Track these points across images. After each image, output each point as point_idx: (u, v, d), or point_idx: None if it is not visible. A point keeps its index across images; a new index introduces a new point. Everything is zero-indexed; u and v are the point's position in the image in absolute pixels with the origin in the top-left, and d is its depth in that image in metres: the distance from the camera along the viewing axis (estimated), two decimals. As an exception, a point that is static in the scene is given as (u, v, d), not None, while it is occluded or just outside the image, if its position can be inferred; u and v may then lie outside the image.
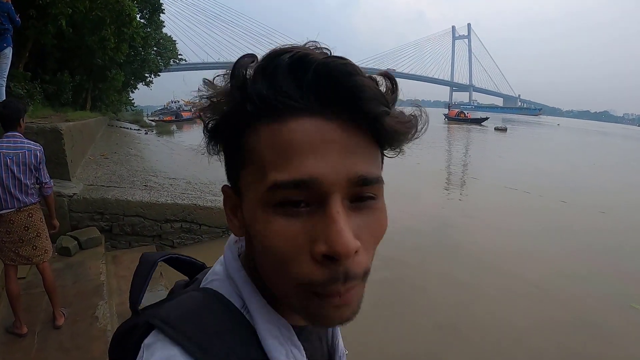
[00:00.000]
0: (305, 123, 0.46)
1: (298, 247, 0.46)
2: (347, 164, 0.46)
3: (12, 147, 3.44)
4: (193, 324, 0.50)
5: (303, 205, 0.46)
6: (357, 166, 0.47)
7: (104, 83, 22.28)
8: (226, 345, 0.50)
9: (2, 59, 6.59)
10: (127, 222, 6.26)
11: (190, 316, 0.52)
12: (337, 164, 0.46)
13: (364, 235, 0.48)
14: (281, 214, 0.47)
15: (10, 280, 3.57)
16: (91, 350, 3.52)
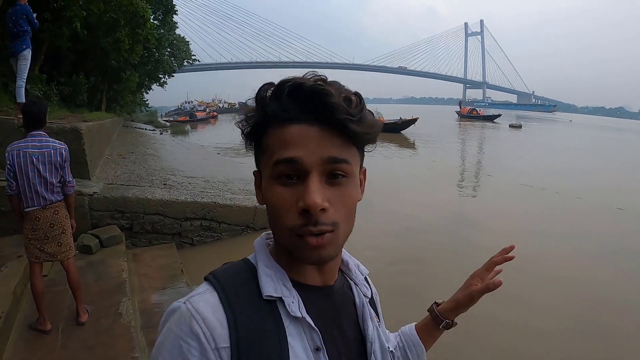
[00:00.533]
0: (296, 127, 0.71)
1: (289, 205, 0.71)
2: (321, 150, 0.70)
3: (38, 146, 3.49)
4: (222, 274, 0.77)
5: (294, 179, 0.71)
6: (329, 151, 0.70)
7: (119, 84, 22.45)
8: (235, 283, 0.75)
9: (21, 60, 6.67)
10: (147, 220, 6.33)
11: (223, 272, 0.78)
12: (314, 150, 0.70)
13: (335, 201, 0.72)
14: (280, 183, 0.72)
15: (35, 277, 3.61)
16: (115, 347, 3.56)
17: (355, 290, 0.88)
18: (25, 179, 3.45)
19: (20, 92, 6.69)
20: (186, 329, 0.67)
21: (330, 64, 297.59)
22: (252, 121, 0.77)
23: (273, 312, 0.73)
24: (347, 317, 0.84)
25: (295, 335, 0.73)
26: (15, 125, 6.07)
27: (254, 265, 0.79)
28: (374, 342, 0.84)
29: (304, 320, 0.74)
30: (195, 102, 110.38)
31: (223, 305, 0.70)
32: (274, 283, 0.75)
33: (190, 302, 0.70)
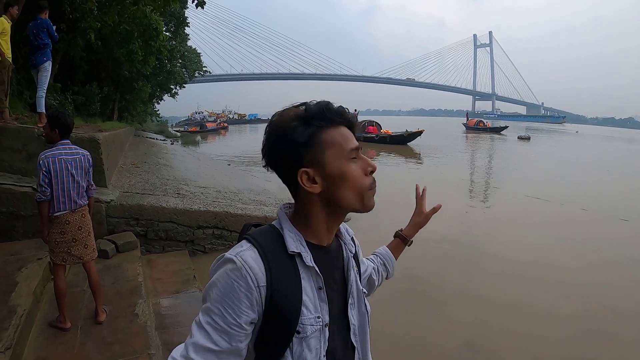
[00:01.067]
0: (344, 128, 1.10)
1: (360, 173, 1.09)
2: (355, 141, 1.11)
3: (70, 154, 3.77)
4: (257, 234, 1.08)
5: (355, 158, 1.08)
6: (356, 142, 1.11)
7: (131, 94, 22.77)
8: (268, 242, 1.06)
9: (42, 72, 6.92)
10: (161, 227, 6.52)
11: (257, 232, 1.10)
12: (356, 141, 1.11)
13: None
14: (353, 162, 1.08)
15: (59, 278, 3.83)
16: (132, 344, 3.74)
17: (344, 248, 1.23)
18: (61, 184, 3.67)
19: (41, 102, 6.93)
20: (238, 273, 0.98)
21: (340, 76, 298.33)
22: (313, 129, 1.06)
23: (293, 262, 1.06)
24: (337, 268, 1.18)
25: (306, 278, 1.07)
26: (35, 134, 6.31)
27: (278, 229, 1.11)
28: (352, 285, 1.20)
29: (312, 269, 1.07)
30: (205, 112, 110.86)
31: (261, 258, 1.02)
32: (295, 243, 1.07)
33: (240, 255, 1.01)
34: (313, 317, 1.06)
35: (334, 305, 1.13)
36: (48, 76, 7.08)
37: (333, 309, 1.12)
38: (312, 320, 1.05)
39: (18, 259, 4.86)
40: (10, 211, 5.71)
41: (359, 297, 1.22)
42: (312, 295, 1.07)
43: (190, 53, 32.56)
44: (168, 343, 4.01)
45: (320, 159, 1.06)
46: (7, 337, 3.23)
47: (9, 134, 6.28)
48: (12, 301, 3.79)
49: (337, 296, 1.15)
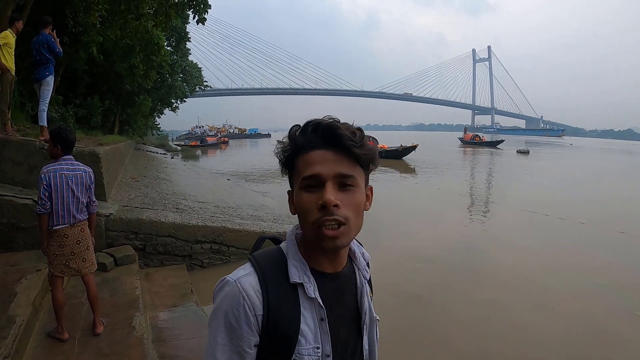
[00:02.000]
0: (317, 152, 1.01)
1: (312, 205, 0.99)
2: (335, 167, 1.00)
3: (71, 169, 3.85)
4: (261, 257, 1.09)
5: (315, 188, 1.00)
6: (339, 168, 1.00)
7: (132, 108, 22.92)
8: (270, 268, 1.06)
9: (44, 86, 7.02)
10: (159, 241, 6.58)
11: (262, 255, 1.11)
12: (330, 167, 1.00)
13: (345, 202, 1.00)
14: (306, 191, 1.01)
15: (57, 290, 3.89)
16: (129, 356, 3.78)
17: (357, 273, 1.19)
18: (60, 198, 3.76)
19: (43, 116, 7.03)
20: (236, 300, 1.00)
21: (340, 91, 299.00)
22: (287, 153, 1.07)
23: (295, 292, 1.05)
24: (349, 294, 1.15)
25: (308, 308, 1.05)
26: (37, 147, 6.40)
27: (284, 253, 1.10)
28: (366, 313, 1.17)
29: (315, 300, 1.05)
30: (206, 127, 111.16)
31: (261, 286, 1.03)
32: (298, 272, 1.06)
33: (239, 281, 1.02)
34: (312, 347, 1.05)
35: (342, 332, 1.12)
36: (50, 90, 7.17)
37: (340, 337, 1.11)
38: (310, 350, 1.05)
39: (18, 269, 4.91)
40: (11, 222, 5.78)
41: (372, 324, 1.21)
42: (312, 325, 1.05)
43: (191, 67, 32.81)
44: (164, 356, 4.06)
45: (292, 183, 1.09)
46: (6, 347, 3.27)
47: (11, 147, 6.36)
48: (11, 311, 3.83)
49: (348, 322, 1.14)
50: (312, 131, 1.03)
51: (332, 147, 1.01)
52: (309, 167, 1.01)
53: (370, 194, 1.13)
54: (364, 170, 1.07)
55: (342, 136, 1.00)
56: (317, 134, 1.02)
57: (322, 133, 1.02)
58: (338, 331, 1.10)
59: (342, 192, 1.00)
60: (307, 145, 1.03)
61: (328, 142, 1.01)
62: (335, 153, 1.01)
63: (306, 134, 1.04)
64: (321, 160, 1.01)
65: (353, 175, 1.02)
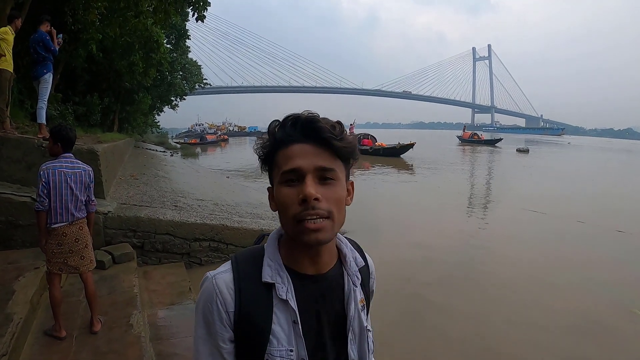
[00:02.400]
0: (296, 145, 1.00)
1: (292, 199, 0.98)
2: (315, 161, 0.98)
3: (70, 167, 3.86)
4: (241, 256, 1.10)
5: (296, 182, 0.99)
6: (319, 161, 0.99)
7: (132, 106, 22.90)
8: (248, 267, 1.07)
9: (42, 83, 7.02)
10: (158, 239, 6.57)
11: (244, 253, 1.11)
12: (309, 161, 0.98)
13: (327, 196, 0.98)
14: (286, 185, 1.00)
15: (54, 287, 3.89)
16: (126, 354, 3.78)
17: (346, 278, 1.13)
18: (59, 196, 3.75)
19: (41, 114, 7.03)
20: (210, 296, 1.03)
21: (340, 89, 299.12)
22: (266, 149, 1.05)
23: (268, 292, 1.04)
24: (334, 299, 1.11)
25: (282, 309, 1.03)
26: (35, 144, 6.39)
27: (263, 250, 1.10)
28: (353, 320, 1.12)
29: (287, 302, 1.03)
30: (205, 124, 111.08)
31: (234, 284, 1.04)
32: (272, 271, 1.05)
33: (215, 277, 1.05)
34: (284, 349, 1.02)
35: (324, 337, 1.08)
36: (48, 88, 7.16)
37: (320, 343, 1.08)
38: (283, 352, 1.02)
39: (16, 267, 4.92)
40: (9, 220, 5.78)
41: (362, 333, 1.14)
42: (286, 327, 1.03)
43: (190, 65, 32.76)
44: (162, 354, 4.06)
45: (272, 179, 1.07)
46: (3, 344, 3.28)
47: (9, 144, 6.36)
48: (8, 309, 3.84)
49: (329, 327, 1.09)
50: (291, 125, 1.02)
51: (311, 140, 1.00)
52: (288, 161, 1.00)
53: (351, 189, 1.11)
54: (344, 164, 1.06)
55: (322, 129, 0.99)
56: (296, 128, 1.01)
57: (302, 126, 1.01)
58: (318, 336, 1.08)
59: (322, 186, 0.99)
60: (286, 140, 1.02)
61: (307, 136, 1.00)
62: (315, 146, 1.00)
63: (285, 128, 1.02)
64: (301, 153, 0.99)
65: (333, 168, 1.01)
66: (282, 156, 1.02)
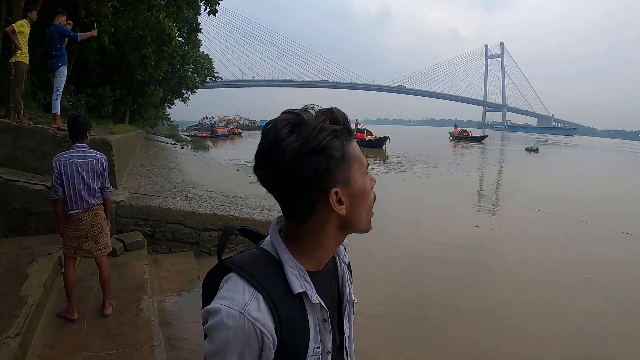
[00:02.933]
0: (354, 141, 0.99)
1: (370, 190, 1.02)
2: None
3: (82, 157, 3.98)
4: (253, 269, 0.94)
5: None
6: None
7: (143, 98, 23.06)
8: (265, 276, 0.94)
9: (57, 75, 7.17)
10: (168, 228, 6.70)
11: (251, 264, 0.96)
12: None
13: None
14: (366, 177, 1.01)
15: (69, 270, 4.03)
16: (136, 336, 3.90)
17: (338, 260, 1.15)
18: (72, 185, 3.89)
19: (56, 104, 7.19)
20: (252, 335, 0.87)
21: (351, 84, 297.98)
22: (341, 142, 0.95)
23: (300, 301, 0.96)
24: (334, 284, 1.12)
25: (310, 313, 0.98)
26: (49, 134, 6.53)
27: (273, 256, 0.98)
28: (348, 298, 1.15)
29: (318, 305, 0.99)
30: (216, 118, 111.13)
31: (269, 308, 0.89)
32: (300, 280, 0.95)
33: (247, 312, 0.87)
34: (313, 348, 0.99)
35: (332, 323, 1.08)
36: (63, 80, 7.32)
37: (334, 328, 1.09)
38: (312, 351, 0.99)
39: (30, 253, 5.05)
40: (23, 207, 5.92)
41: (351, 307, 1.18)
42: (315, 328, 0.99)
43: (202, 58, 32.90)
44: (170, 338, 4.19)
45: (347, 176, 0.96)
46: (17, 325, 3.40)
47: (24, 134, 6.50)
48: (23, 292, 3.96)
49: (333, 311, 1.11)
50: (346, 120, 0.99)
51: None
52: (361, 154, 1.00)
53: None
54: None
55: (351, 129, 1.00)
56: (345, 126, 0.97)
57: (344, 124, 0.97)
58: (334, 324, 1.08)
59: None
60: (349, 135, 0.98)
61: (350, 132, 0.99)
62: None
63: (348, 121, 0.99)
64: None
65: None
66: (357, 148, 1.00)
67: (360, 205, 0.99)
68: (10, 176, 6.03)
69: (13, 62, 6.84)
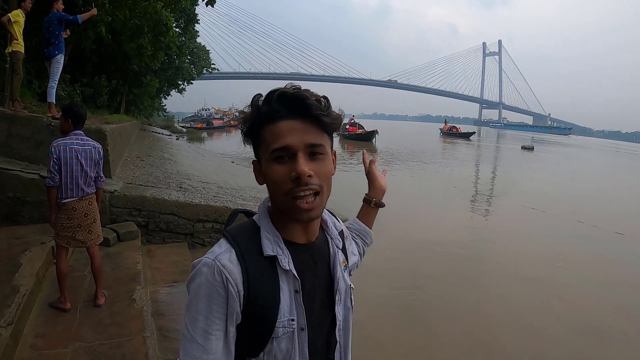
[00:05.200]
0: (284, 122, 1.00)
1: (283, 177, 0.99)
2: (304, 138, 1.00)
3: (81, 144, 3.98)
4: (236, 232, 1.08)
5: (286, 159, 1.00)
6: (309, 138, 1.01)
7: (139, 88, 22.94)
8: (245, 240, 1.06)
9: (54, 64, 7.12)
10: (162, 219, 6.68)
11: (236, 229, 1.09)
12: (299, 138, 0.99)
13: (317, 172, 1.01)
14: (277, 163, 1.00)
15: (61, 260, 4.02)
16: (129, 327, 3.91)
17: (330, 242, 1.19)
18: (69, 172, 3.88)
19: (52, 93, 7.14)
20: (218, 279, 0.98)
21: (348, 79, 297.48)
22: (249, 123, 1.06)
23: (272, 265, 1.04)
24: (322, 264, 1.15)
25: (284, 280, 1.05)
26: (44, 123, 6.49)
27: (258, 225, 1.09)
28: (339, 281, 1.16)
29: (290, 272, 1.05)
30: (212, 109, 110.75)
31: (239, 261, 1.01)
32: (272, 244, 1.05)
33: (218, 259, 1.00)
34: (286, 319, 1.04)
35: (316, 302, 1.12)
36: (60, 68, 7.26)
37: (314, 307, 1.11)
38: (285, 322, 1.04)
39: (23, 242, 5.03)
40: (17, 196, 5.88)
41: (346, 292, 1.19)
42: (288, 297, 1.05)
43: (199, 50, 32.78)
44: (162, 328, 4.18)
45: (258, 154, 1.08)
46: (9, 314, 3.39)
47: (19, 122, 6.46)
48: (15, 281, 3.95)
49: (321, 292, 1.14)
50: (277, 100, 1.02)
51: (299, 116, 1.01)
52: (277, 138, 1.00)
53: (334, 159, 1.14)
54: (330, 138, 1.09)
55: (311, 106, 1.00)
56: (283, 104, 1.01)
57: (289, 102, 1.01)
58: (313, 303, 1.11)
59: (312, 162, 1.01)
60: (273, 115, 1.02)
61: (295, 112, 1.01)
62: (303, 122, 1.01)
63: (271, 104, 1.02)
64: (290, 130, 1.00)
65: (322, 143, 1.03)
66: (269, 132, 1.02)
67: (269, 186, 1.05)
68: (4, 165, 5.99)
69: (9, 52, 6.81)
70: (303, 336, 1.08)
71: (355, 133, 42.26)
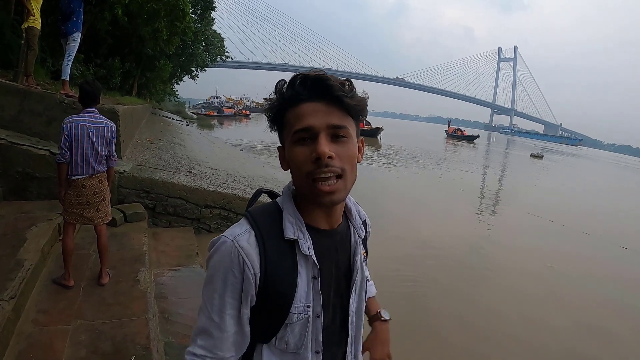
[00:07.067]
0: (307, 104, 1.00)
1: (305, 158, 0.99)
2: (326, 119, 0.99)
3: (93, 122, 3.95)
4: (258, 213, 1.09)
5: (308, 141, 1.00)
6: (331, 119, 1.00)
7: (152, 72, 22.91)
8: (267, 222, 1.06)
9: (70, 41, 7.07)
10: (170, 203, 6.65)
11: (259, 210, 1.10)
12: (321, 119, 0.99)
13: (340, 154, 0.99)
14: (299, 145, 1.01)
15: (68, 236, 4.00)
16: (131, 307, 3.87)
17: (352, 231, 1.18)
18: (80, 149, 3.86)
19: (66, 70, 7.10)
20: (235, 259, 1.00)
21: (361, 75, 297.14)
22: (275, 109, 1.06)
23: (292, 248, 1.04)
24: (343, 253, 1.15)
25: (303, 265, 1.05)
26: (57, 100, 6.47)
27: (281, 208, 1.09)
28: (358, 271, 1.16)
29: (309, 258, 1.05)
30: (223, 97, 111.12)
31: (258, 243, 1.02)
32: (294, 228, 1.05)
33: (237, 240, 1.02)
34: (302, 305, 1.04)
35: (332, 290, 1.11)
36: (76, 46, 7.21)
37: (331, 297, 1.11)
38: (300, 308, 1.04)
39: (29, 217, 5.01)
40: (26, 172, 5.87)
41: (362, 284, 1.19)
42: (306, 283, 1.05)
43: (214, 37, 32.73)
44: (165, 311, 4.15)
45: (282, 139, 1.09)
46: (13, 288, 3.36)
47: (32, 98, 6.44)
48: (20, 255, 3.93)
49: (338, 281, 1.13)
50: (300, 84, 1.02)
51: (322, 98, 1.00)
52: (300, 119, 1.00)
53: (361, 146, 1.13)
54: (355, 122, 1.07)
55: (333, 87, 0.99)
56: (305, 87, 1.01)
57: (312, 85, 1.01)
58: (329, 291, 1.11)
59: (335, 144, 1.00)
60: (295, 98, 1.02)
61: (318, 94, 1.00)
62: (326, 104, 1.00)
63: (294, 87, 1.03)
64: (312, 112, 1.00)
65: (345, 125, 1.01)
66: (292, 115, 1.02)
67: (292, 170, 1.05)
68: (15, 139, 5.97)
69: (25, 27, 6.77)
70: (318, 323, 1.08)
71: (361, 129, 42.62)
